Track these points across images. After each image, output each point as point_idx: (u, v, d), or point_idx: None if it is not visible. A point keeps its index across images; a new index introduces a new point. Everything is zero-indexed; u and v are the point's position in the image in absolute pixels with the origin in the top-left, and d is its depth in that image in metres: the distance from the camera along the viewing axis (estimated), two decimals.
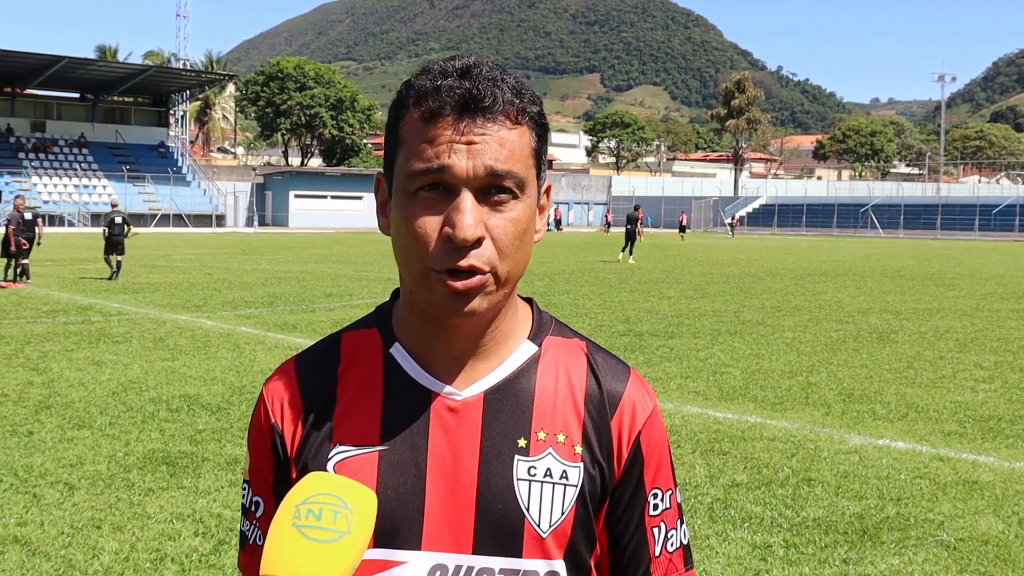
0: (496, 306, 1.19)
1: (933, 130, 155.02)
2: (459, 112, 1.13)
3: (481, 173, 1.12)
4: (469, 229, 1.11)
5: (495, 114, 1.13)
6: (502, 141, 1.13)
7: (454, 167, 1.12)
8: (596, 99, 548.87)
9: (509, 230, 1.15)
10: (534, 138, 1.18)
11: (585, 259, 33.40)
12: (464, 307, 1.15)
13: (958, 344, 12.84)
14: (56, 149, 66.43)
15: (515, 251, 1.16)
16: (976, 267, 31.43)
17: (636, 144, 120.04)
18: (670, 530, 1.31)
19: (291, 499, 1.11)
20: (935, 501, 5.92)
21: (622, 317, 15.49)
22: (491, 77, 1.15)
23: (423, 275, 1.15)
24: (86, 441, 7.14)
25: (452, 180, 1.12)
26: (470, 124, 1.13)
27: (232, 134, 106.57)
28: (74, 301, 17.05)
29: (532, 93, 1.19)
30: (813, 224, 78.47)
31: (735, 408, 8.61)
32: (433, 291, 1.15)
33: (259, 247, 39.90)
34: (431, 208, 1.14)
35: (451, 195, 1.13)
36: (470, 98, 1.13)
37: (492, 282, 1.15)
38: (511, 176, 1.13)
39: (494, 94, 1.14)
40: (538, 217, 1.24)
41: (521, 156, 1.15)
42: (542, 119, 1.21)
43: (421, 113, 1.15)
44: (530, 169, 1.17)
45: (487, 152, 1.12)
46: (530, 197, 1.18)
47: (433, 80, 1.15)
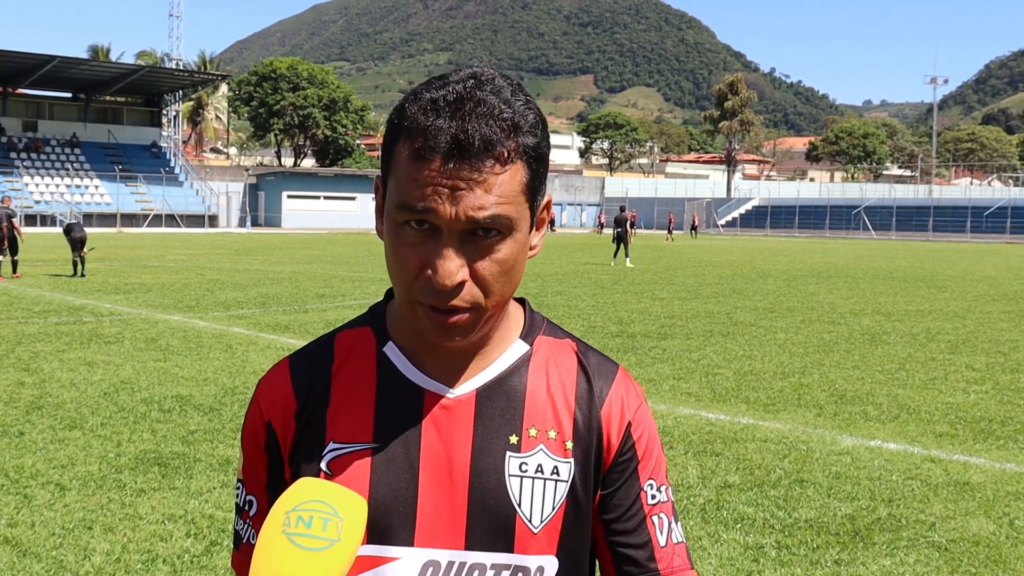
0: (484, 329, 1.20)
1: (925, 132, 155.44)
2: (446, 156, 1.09)
3: (463, 219, 1.10)
4: (448, 277, 1.11)
5: (483, 158, 1.10)
6: (489, 186, 1.10)
7: (437, 211, 1.10)
8: (589, 100, 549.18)
9: (495, 271, 1.14)
10: (527, 172, 1.15)
11: (578, 260, 33.41)
12: (449, 339, 1.17)
13: (950, 346, 12.87)
14: (48, 149, 66.28)
15: (500, 287, 1.16)
16: (968, 269, 31.51)
17: (629, 145, 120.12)
18: (670, 522, 1.32)
19: (281, 506, 1.11)
20: (927, 502, 5.93)
21: (615, 318, 15.50)
22: (485, 112, 1.10)
23: (410, 303, 1.16)
24: (77, 442, 7.11)
25: (436, 222, 1.11)
26: (456, 169, 1.09)
27: (225, 134, 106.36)
28: (66, 301, 17.00)
29: (533, 121, 1.15)
30: (806, 225, 78.61)
31: (727, 409, 8.62)
32: (419, 319, 1.17)
33: (252, 247, 39.83)
34: (417, 245, 1.13)
35: (436, 235, 1.12)
36: (457, 143, 1.09)
37: (477, 318, 1.16)
38: (496, 220, 1.11)
39: (484, 135, 1.09)
40: (535, 233, 1.24)
41: (510, 196, 1.12)
42: (539, 149, 1.16)
43: (410, 151, 1.12)
44: (521, 206, 1.14)
45: (472, 199, 1.10)
46: (520, 231, 1.16)
47: (425, 116, 1.11)
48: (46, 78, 63.52)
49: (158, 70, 70.57)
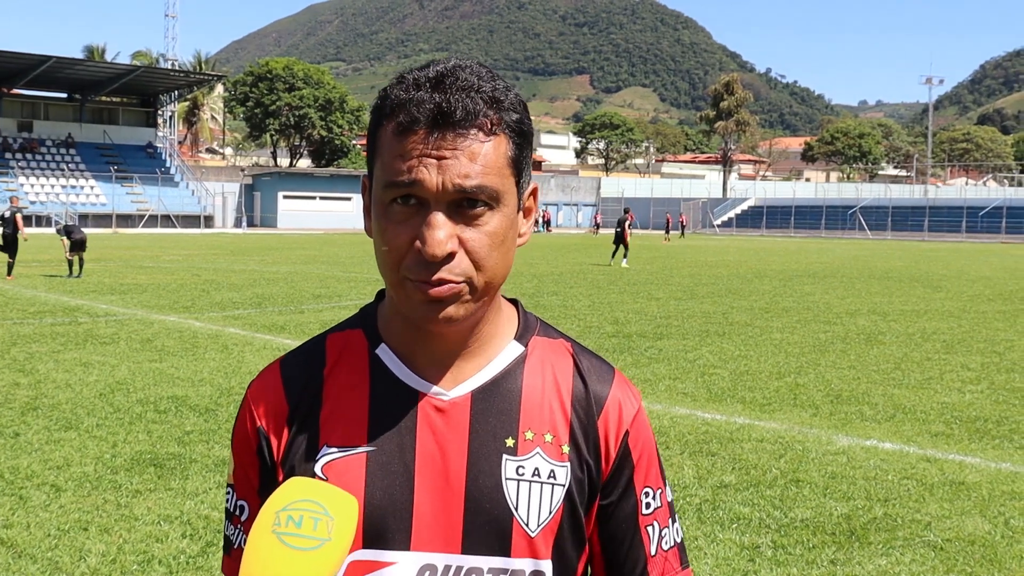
0: (475, 313, 1.19)
1: (921, 132, 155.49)
2: (430, 126, 1.11)
3: (451, 188, 1.11)
4: (438, 246, 1.10)
5: (467, 127, 1.12)
6: (474, 155, 1.12)
7: (424, 182, 1.11)
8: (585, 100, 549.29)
9: (484, 242, 1.14)
10: (511, 146, 1.16)
11: (574, 260, 33.41)
12: (439, 314, 1.15)
13: (945, 345, 12.89)
14: (43, 149, 66.12)
15: (492, 262, 1.15)
16: (963, 269, 31.56)
17: (625, 145, 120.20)
18: (663, 528, 1.32)
19: (271, 505, 1.10)
20: (922, 502, 5.94)
21: (611, 318, 15.51)
22: (466, 86, 1.13)
23: (399, 283, 1.15)
24: (73, 443, 7.10)
25: (423, 194, 1.12)
26: (440, 138, 1.11)
27: (220, 135, 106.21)
28: (61, 302, 16.98)
29: (513, 99, 1.18)
30: (801, 226, 78.64)
31: (723, 409, 8.63)
32: (409, 298, 1.15)
33: (247, 248, 39.79)
34: (404, 221, 1.14)
35: (424, 209, 1.12)
36: (440, 112, 1.11)
37: (467, 291, 1.15)
38: (483, 190, 1.12)
39: (466, 106, 1.12)
40: (523, 221, 1.24)
41: (495, 167, 1.13)
42: (522, 125, 1.18)
43: (394, 126, 1.14)
44: (507, 179, 1.15)
45: (457, 167, 1.11)
46: (508, 206, 1.16)
47: (406, 91, 1.14)
48: (41, 78, 63.35)
49: (154, 70, 70.45)
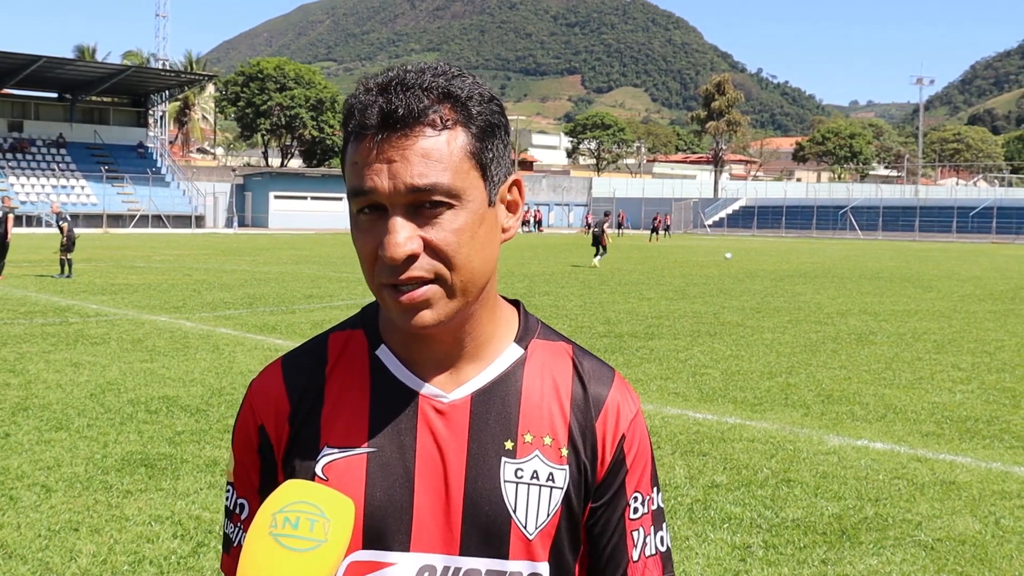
0: (459, 313, 1.17)
1: (911, 132, 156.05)
2: (378, 129, 1.10)
3: (403, 190, 1.10)
4: (395, 248, 1.10)
5: (412, 125, 1.10)
6: (425, 153, 1.10)
7: (377, 188, 1.10)
8: (577, 100, 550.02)
9: (451, 240, 1.12)
10: (471, 140, 1.13)
11: (565, 260, 33.43)
12: (412, 320, 1.14)
13: (936, 345, 12.92)
14: (34, 149, 65.85)
15: (463, 259, 1.13)
16: (953, 269, 31.65)
17: (616, 146, 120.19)
18: (647, 535, 1.31)
19: (268, 507, 1.10)
20: (913, 501, 5.96)
21: (602, 318, 15.52)
22: (412, 85, 1.11)
23: (378, 290, 1.16)
24: (63, 443, 7.08)
25: (379, 200, 1.11)
26: (386, 140, 1.10)
27: (212, 135, 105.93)
28: (52, 302, 16.92)
29: (473, 92, 1.15)
30: (792, 226, 78.77)
31: (715, 409, 8.64)
32: (388, 305, 1.16)
33: (239, 248, 39.71)
34: (369, 229, 1.14)
35: (385, 215, 1.12)
36: (383, 114, 1.10)
37: (442, 293, 1.14)
38: (437, 189, 1.10)
39: (409, 104, 1.10)
40: (506, 215, 1.23)
41: (451, 163, 1.11)
42: (484, 116, 1.15)
43: (349, 133, 1.14)
44: (467, 173, 1.13)
45: (408, 168, 1.09)
46: (473, 201, 1.14)
47: (357, 98, 1.14)
48: (32, 78, 63.10)
49: (144, 70, 70.18)
